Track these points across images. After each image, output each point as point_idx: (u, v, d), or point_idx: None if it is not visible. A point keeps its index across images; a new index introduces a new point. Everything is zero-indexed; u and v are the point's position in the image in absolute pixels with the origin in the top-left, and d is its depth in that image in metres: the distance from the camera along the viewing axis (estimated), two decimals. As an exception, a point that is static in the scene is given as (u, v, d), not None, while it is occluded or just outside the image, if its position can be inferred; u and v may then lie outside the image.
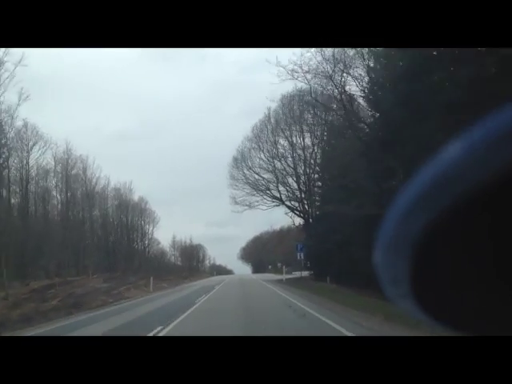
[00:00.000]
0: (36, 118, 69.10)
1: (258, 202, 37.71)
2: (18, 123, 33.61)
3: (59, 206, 42.96)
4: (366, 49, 15.31)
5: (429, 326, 0.45)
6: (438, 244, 0.37)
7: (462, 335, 0.46)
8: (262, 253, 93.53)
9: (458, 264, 0.38)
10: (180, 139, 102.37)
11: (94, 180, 47.30)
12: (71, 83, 79.45)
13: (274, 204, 37.72)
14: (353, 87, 18.05)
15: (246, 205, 37.70)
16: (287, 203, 36.80)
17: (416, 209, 0.35)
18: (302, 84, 21.25)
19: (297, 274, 35.99)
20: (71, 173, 43.44)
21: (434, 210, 0.34)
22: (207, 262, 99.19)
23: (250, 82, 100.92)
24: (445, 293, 0.41)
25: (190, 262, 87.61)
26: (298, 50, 17.89)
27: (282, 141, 36.09)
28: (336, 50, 16.51)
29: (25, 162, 36.92)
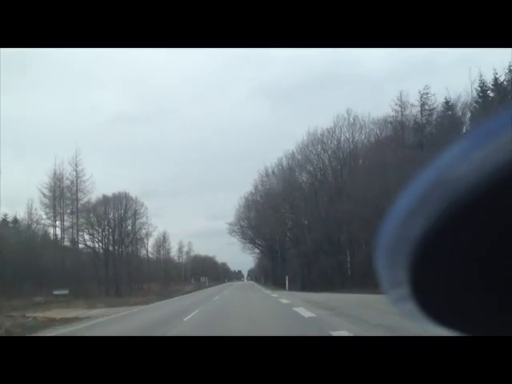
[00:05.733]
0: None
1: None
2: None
3: None
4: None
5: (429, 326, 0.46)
6: (438, 245, 0.37)
7: (462, 335, 0.46)
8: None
9: (457, 265, 0.38)
10: (183, 124, 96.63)
11: None
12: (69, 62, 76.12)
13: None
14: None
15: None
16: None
17: (416, 211, 0.35)
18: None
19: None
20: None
21: (434, 212, 0.34)
22: (185, 250, 57.38)
23: (261, 55, 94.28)
24: (445, 294, 0.41)
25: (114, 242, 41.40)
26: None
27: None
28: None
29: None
